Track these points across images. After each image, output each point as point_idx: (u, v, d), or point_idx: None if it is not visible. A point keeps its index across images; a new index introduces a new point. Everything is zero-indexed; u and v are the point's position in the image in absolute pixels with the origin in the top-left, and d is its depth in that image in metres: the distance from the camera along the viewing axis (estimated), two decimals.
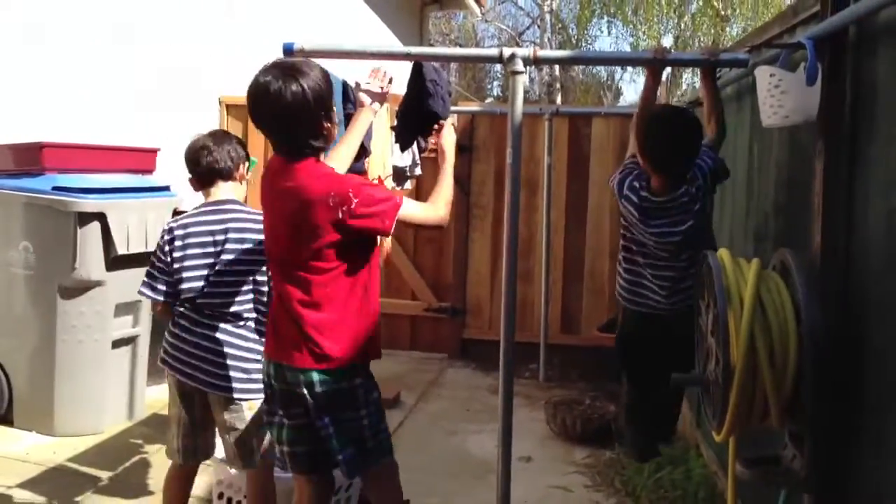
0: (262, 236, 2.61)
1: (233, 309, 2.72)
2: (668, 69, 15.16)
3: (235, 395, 2.71)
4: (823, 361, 2.05)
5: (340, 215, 2.21)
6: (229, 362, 2.70)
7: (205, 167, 2.87)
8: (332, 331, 2.29)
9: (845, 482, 2.11)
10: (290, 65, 2.32)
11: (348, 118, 2.94)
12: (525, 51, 2.81)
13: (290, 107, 2.23)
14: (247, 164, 2.99)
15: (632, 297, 2.96)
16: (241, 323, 2.74)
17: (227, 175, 2.91)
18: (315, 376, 2.28)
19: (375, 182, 3.42)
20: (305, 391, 2.29)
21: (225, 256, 2.73)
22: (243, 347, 2.73)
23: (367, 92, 2.68)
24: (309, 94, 2.23)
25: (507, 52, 2.78)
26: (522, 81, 2.76)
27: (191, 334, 2.74)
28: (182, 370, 2.75)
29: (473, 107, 7.41)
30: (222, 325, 2.71)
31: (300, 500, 2.53)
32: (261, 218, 2.52)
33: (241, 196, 2.96)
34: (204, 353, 2.71)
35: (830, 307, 2.15)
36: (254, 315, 2.75)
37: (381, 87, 2.68)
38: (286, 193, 2.28)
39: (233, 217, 2.80)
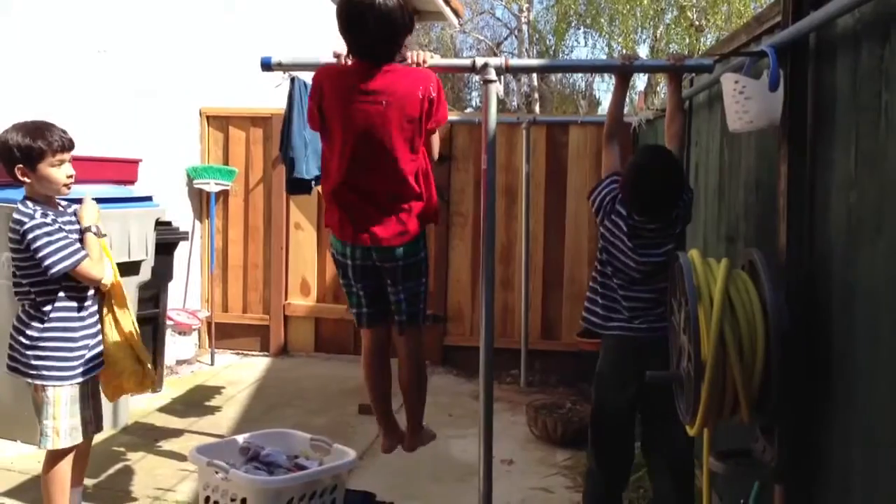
0: None
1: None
2: (645, 79, 15.41)
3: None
4: (790, 356, 2.14)
5: (428, 105, 2.69)
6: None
7: None
8: (410, 209, 2.78)
9: (814, 472, 2.19)
10: None
11: None
12: (497, 60, 2.92)
13: (392, 14, 2.61)
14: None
15: (603, 323, 2.93)
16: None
17: None
18: (399, 251, 2.79)
19: None
20: (389, 264, 2.82)
21: None
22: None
23: None
24: (405, 11, 2.66)
25: (479, 61, 2.89)
26: (495, 90, 2.85)
27: None
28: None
29: (452, 116, 7.49)
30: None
31: (367, 346, 3.08)
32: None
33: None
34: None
35: (795, 302, 2.23)
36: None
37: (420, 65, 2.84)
38: (381, 87, 2.66)
39: None
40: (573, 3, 16.64)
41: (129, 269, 4.32)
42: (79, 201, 3.07)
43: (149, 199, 4.61)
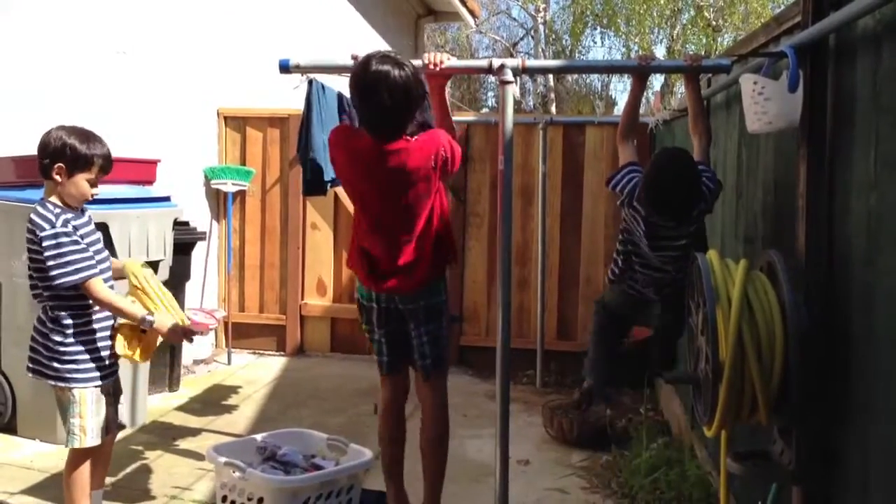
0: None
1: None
2: (662, 79, 15.36)
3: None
4: (809, 358, 2.13)
5: (441, 164, 2.78)
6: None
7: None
8: (429, 258, 2.90)
9: (832, 474, 2.18)
10: (396, 56, 2.70)
11: None
12: (514, 61, 2.92)
13: (406, 93, 2.64)
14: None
15: (622, 278, 3.20)
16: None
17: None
18: (420, 294, 2.91)
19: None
20: (412, 306, 2.93)
21: None
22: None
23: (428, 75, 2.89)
24: (419, 84, 2.70)
25: (496, 62, 2.89)
26: (512, 90, 2.86)
27: None
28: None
29: (469, 117, 7.50)
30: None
31: (386, 397, 3.17)
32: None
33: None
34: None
35: (814, 304, 2.22)
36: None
37: (436, 66, 2.89)
38: (397, 166, 2.73)
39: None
40: (590, 3, 16.61)
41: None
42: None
43: (167, 199, 4.64)
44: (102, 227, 4.00)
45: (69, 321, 2.88)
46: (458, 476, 3.91)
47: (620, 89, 21.52)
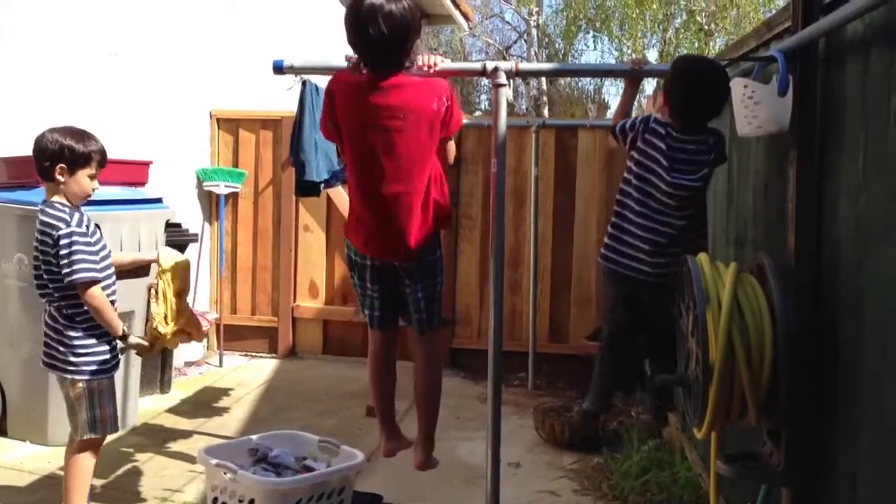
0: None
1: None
2: (654, 83, 15.42)
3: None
4: (798, 360, 2.14)
5: (444, 114, 2.72)
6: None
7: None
8: (426, 217, 2.80)
9: (821, 476, 2.19)
10: None
11: None
12: (507, 64, 2.93)
13: (402, 23, 2.61)
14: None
15: (614, 257, 3.05)
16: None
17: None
18: (417, 252, 2.80)
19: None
20: (407, 264, 2.84)
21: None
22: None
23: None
24: (414, 14, 2.66)
25: (490, 65, 2.90)
26: (506, 93, 2.86)
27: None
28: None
29: (462, 119, 7.50)
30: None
31: (375, 349, 3.08)
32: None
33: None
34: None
35: (804, 307, 2.23)
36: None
37: (430, 68, 2.86)
38: (396, 103, 2.67)
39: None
40: (583, 6, 16.66)
41: (138, 270, 4.34)
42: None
43: (159, 200, 4.64)
44: None
45: (82, 316, 2.97)
46: (450, 478, 3.91)
47: (613, 93, 21.54)
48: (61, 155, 2.90)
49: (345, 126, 2.77)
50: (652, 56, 16.03)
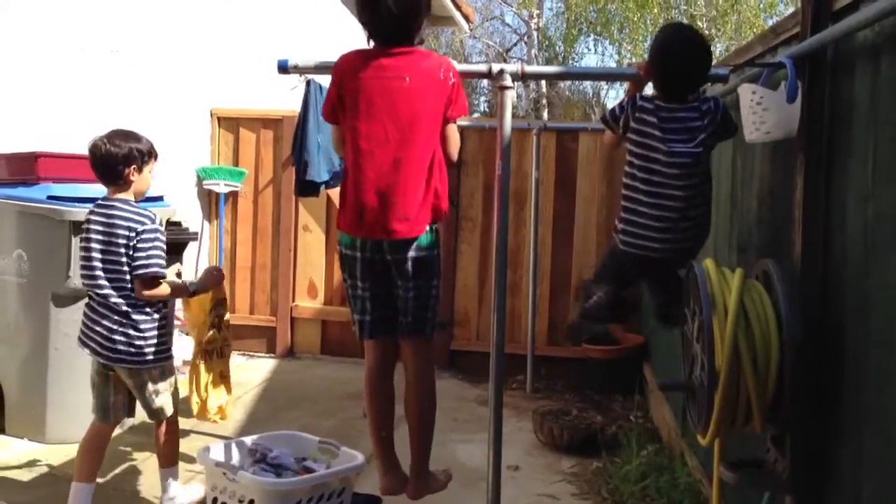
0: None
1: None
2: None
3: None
4: (804, 367, 2.14)
5: (450, 89, 2.71)
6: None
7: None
8: (424, 201, 2.71)
9: (825, 484, 2.19)
10: None
11: None
12: (513, 66, 2.91)
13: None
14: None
15: (627, 239, 2.89)
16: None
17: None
18: (410, 243, 2.70)
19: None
20: (400, 256, 2.71)
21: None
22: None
23: None
24: None
25: (495, 67, 2.88)
26: (511, 96, 2.85)
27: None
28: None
29: (463, 122, 7.50)
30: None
31: (371, 363, 2.91)
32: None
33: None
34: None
35: (810, 314, 2.23)
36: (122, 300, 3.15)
37: None
38: (403, 64, 2.68)
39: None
40: (584, 10, 16.67)
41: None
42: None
43: (159, 199, 4.62)
44: None
45: (151, 307, 3.18)
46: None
47: (612, 96, 21.59)
48: (131, 157, 3.15)
49: (349, 88, 2.70)
50: None
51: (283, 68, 3.09)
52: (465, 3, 10.72)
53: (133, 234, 3.07)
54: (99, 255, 3.10)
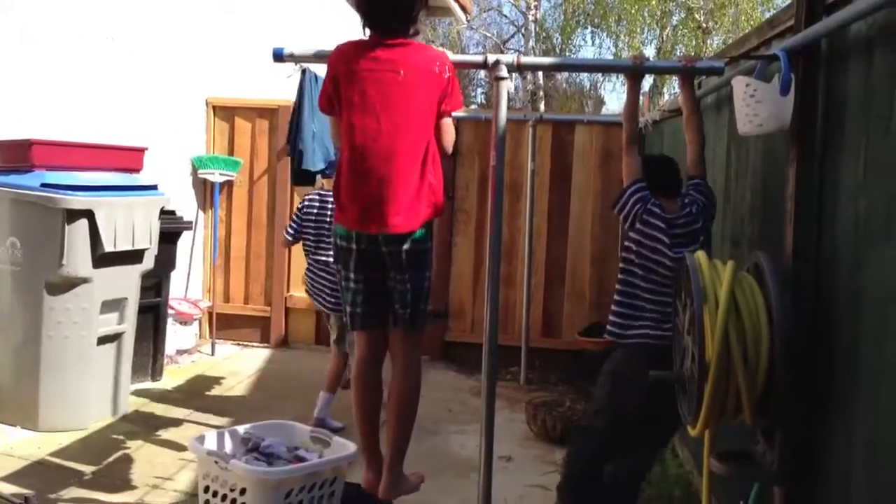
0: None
1: None
2: (650, 81, 15.41)
3: None
4: (794, 360, 2.14)
5: (444, 84, 2.71)
6: None
7: None
8: (420, 195, 2.71)
9: (815, 475, 2.20)
10: None
11: None
12: (509, 57, 2.90)
13: None
14: None
15: (623, 332, 2.88)
16: None
17: None
18: (406, 237, 2.69)
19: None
20: (395, 248, 2.70)
21: None
22: None
23: None
24: None
25: (491, 58, 2.87)
26: (506, 87, 2.84)
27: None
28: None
29: (458, 113, 7.48)
30: None
31: (361, 354, 2.90)
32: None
33: None
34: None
35: (801, 307, 2.23)
36: None
37: None
38: (398, 57, 2.68)
39: None
40: (581, 2, 16.63)
41: (132, 257, 4.33)
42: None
43: (154, 187, 4.62)
44: (88, 215, 3.99)
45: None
46: (442, 471, 3.92)
47: (609, 89, 21.53)
48: None
49: (344, 80, 2.70)
50: (649, 53, 16.00)
51: (279, 56, 3.07)
52: None
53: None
54: (328, 229, 3.71)
